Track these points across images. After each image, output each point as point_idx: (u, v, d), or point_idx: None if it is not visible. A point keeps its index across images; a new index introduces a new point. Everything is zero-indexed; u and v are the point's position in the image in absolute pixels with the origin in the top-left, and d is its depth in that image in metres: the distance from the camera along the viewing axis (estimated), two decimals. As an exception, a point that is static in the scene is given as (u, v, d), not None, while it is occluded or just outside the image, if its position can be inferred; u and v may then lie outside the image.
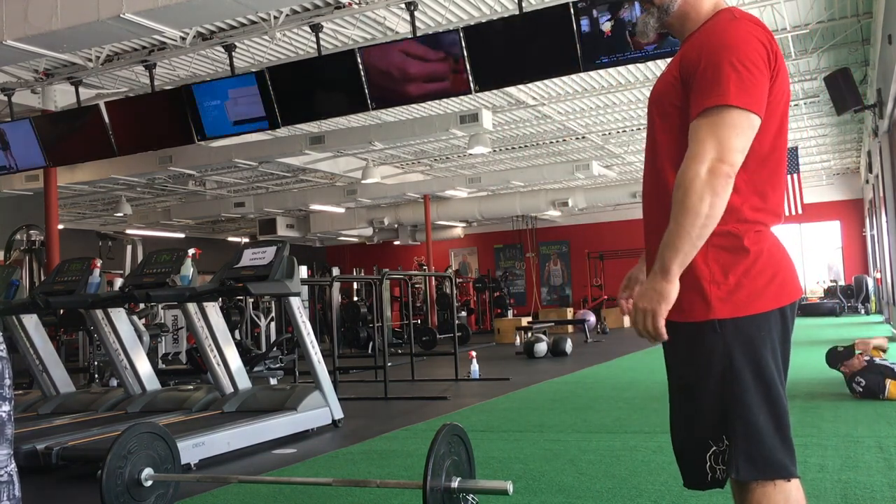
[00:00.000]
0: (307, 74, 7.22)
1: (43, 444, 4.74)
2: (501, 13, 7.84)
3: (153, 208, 19.31)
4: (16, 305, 6.19)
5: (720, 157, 1.60)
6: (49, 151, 8.51)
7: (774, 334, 1.72)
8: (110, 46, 8.03)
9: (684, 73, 1.71)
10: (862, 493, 3.31)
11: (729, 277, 1.67)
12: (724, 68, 1.63)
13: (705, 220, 1.59)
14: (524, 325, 14.75)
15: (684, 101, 1.71)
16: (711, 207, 1.59)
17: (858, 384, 5.71)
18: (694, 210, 1.58)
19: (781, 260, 1.75)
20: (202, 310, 5.83)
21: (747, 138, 1.64)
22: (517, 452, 4.53)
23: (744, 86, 1.62)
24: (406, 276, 13.48)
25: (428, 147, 14.56)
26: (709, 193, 1.58)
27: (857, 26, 9.12)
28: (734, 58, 1.63)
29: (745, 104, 1.62)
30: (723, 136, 1.60)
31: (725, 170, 1.60)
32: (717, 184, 1.59)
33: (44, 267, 10.04)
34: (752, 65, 1.64)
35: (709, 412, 1.70)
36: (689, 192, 1.59)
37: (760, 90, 1.65)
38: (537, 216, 22.00)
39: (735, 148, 1.61)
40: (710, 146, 1.60)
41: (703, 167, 1.59)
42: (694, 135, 1.64)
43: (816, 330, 13.26)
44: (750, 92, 1.62)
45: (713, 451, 1.70)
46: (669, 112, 1.75)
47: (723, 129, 1.61)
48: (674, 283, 1.63)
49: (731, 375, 1.68)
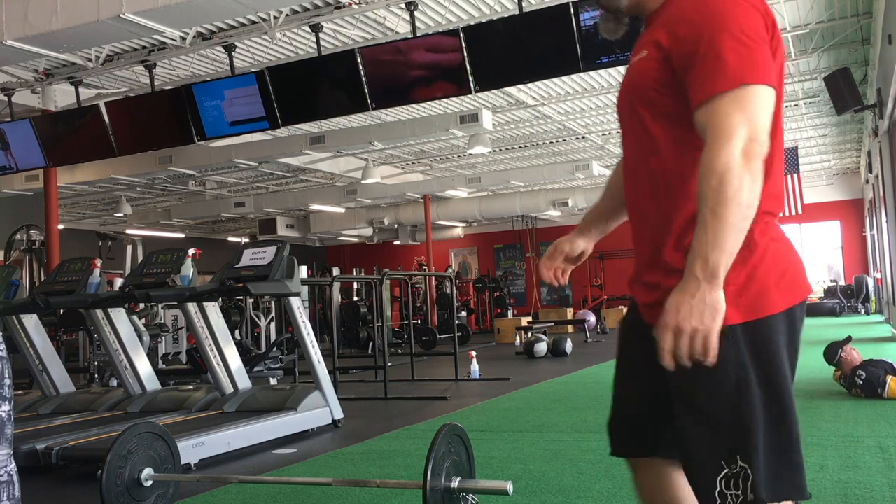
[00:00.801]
0: (307, 74, 7.23)
1: (43, 444, 4.74)
2: (501, 13, 7.84)
3: (153, 208, 19.31)
4: (16, 305, 6.19)
5: (752, 136, 1.40)
6: (49, 151, 8.51)
7: (788, 338, 1.53)
8: (110, 46, 8.03)
9: (674, 54, 1.51)
10: (862, 493, 3.31)
11: (739, 275, 1.47)
12: (726, 44, 1.44)
13: (747, 209, 1.39)
14: (524, 325, 14.75)
15: (668, 84, 1.53)
16: (752, 194, 1.39)
17: (859, 377, 5.72)
18: (736, 199, 1.37)
19: (789, 253, 1.57)
20: (202, 310, 5.83)
21: (770, 115, 1.47)
22: (517, 452, 4.53)
23: (753, 59, 1.45)
24: (406, 276, 13.48)
25: (428, 147, 14.56)
26: (748, 178, 1.38)
27: (857, 26, 9.12)
28: (735, 29, 1.45)
29: (760, 79, 1.44)
30: (751, 114, 1.42)
31: (761, 151, 1.41)
32: (755, 167, 1.39)
33: (44, 267, 10.04)
34: (756, 34, 1.47)
35: (724, 431, 1.49)
36: (727, 178, 1.37)
37: (769, 61, 1.48)
38: (537, 216, 22.00)
39: (764, 125, 1.43)
40: (740, 125, 1.40)
41: (736, 149, 1.39)
42: (714, 116, 1.43)
43: (816, 330, 13.25)
44: (760, 65, 1.46)
45: (725, 475, 1.48)
46: (657, 100, 1.56)
47: (749, 105, 1.42)
48: (721, 290, 1.39)
49: (748, 388, 1.47)
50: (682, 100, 1.51)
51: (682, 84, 1.50)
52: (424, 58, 6.63)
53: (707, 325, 1.38)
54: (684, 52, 1.49)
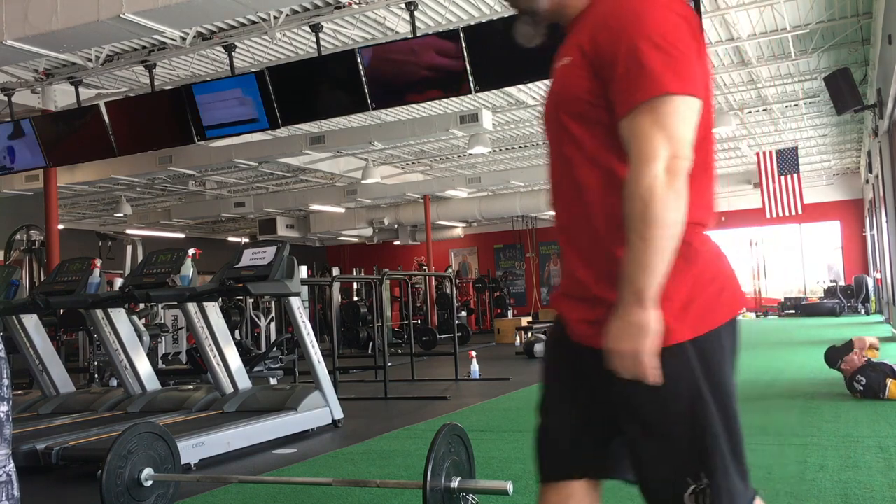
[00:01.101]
0: (307, 74, 7.23)
1: (43, 444, 4.74)
2: (501, 13, 7.84)
3: (153, 208, 19.31)
4: (16, 305, 6.19)
5: (674, 152, 1.36)
6: (49, 151, 8.51)
7: (731, 348, 1.51)
8: (110, 46, 8.03)
9: (595, 62, 1.45)
10: (862, 493, 3.30)
11: (680, 289, 1.43)
12: (646, 52, 1.37)
13: (673, 229, 1.35)
14: (524, 325, 14.74)
15: (600, 94, 1.46)
16: (678, 212, 1.35)
17: (859, 383, 5.70)
18: (661, 220, 1.34)
19: (725, 264, 1.53)
20: (202, 310, 5.83)
21: (694, 127, 1.41)
22: (517, 452, 4.52)
23: (676, 68, 1.38)
24: (406, 276, 13.48)
25: (428, 147, 14.56)
26: (672, 198, 1.34)
27: (857, 26, 9.12)
28: (656, 37, 1.38)
29: (683, 89, 1.38)
30: (671, 128, 1.36)
31: (683, 165, 1.37)
32: (679, 185, 1.35)
33: (44, 267, 10.04)
34: (678, 41, 1.40)
35: (684, 449, 1.45)
36: (651, 200, 1.34)
37: (693, 69, 1.42)
38: (537, 216, 22.00)
39: (687, 139, 1.38)
40: (660, 141, 1.36)
41: (658, 170, 1.35)
42: (635, 133, 1.38)
43: (816, 330, 13.26)
44: (683, 74, 1.39)
45: (692, 491, 1.45)
46: (585, 111, 1.48)
47: (668, 119, 1.37)
48: (653, 311, 1.37)
49: (703, 403, 1.44)
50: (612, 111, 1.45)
51: (608, 94, 1.44)
52: (424, 58, 6.63)
53: (638, 347, 1.36)
54: (605, 60, 1.43)
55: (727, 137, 15.02)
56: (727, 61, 10.49)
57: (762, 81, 11.44)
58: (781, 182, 14.91)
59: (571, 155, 1.52)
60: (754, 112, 13.33)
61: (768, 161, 14.93)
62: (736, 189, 18.10)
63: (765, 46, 9.94)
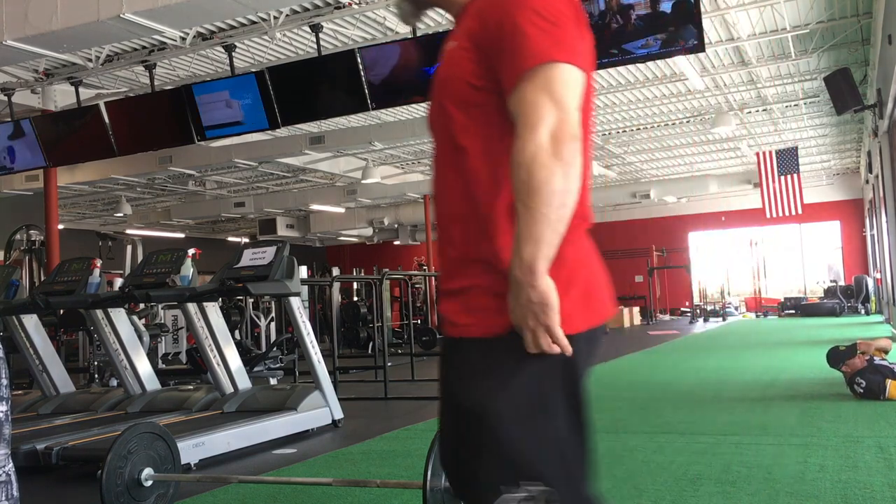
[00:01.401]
0: (307, 74, 7.23)
1: (43, 444, 4.74)
2: (501, 13, 7.84)
3: (153, 208, 19.32)
4: (16, 305, 6.19)
5: (561, 117, 1.29)
6: (49, 151, 8.51)
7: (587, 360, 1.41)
8: (110, 46, 8.04)
9: (483, 44, 1.39)
10: (862, 493, 3.30)
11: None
12: (530, 25, 1.33)
13: (562, 197, 1.27)
14: (524, 325, 14.71)
15: (487, 76, 1.39)
16: (566, 180, 1.27)
17: (859, 385, 5.70)
18: (546, 188, 1.26)
19: (593, 268, 1.43)
20: (202, 310, 5.83)
21: (579, 97, 1.34)
22: (517, 452, 4.52)
23: (558, 36, 1.33)
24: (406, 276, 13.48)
25: (428, 147, 14.56)
26: (558, 164, 1.26)
27: (857, 26, 9.12)
28: (540, 11, 1.34)
29: (566, 57, 1.33)
30: (557, 94, 1.30)
31: (571, 131, 1.29)
32: (566, 150, 1.28)
33: (44, 267, 10.04)
34: (562, 15, 1.36)
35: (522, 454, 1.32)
36: (534, 168, 1.27)
37: (576, 42, 1.37)
38: (537, 216, 21.99)
39: (573, 107, 1.31)
40: (546, 107, 1.29)
41: (543, 136, 1.28)
42: (521, 102, 1.31)
43: (816, 330, 13.27)
44: (565, 42, 1.34)
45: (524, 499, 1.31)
46: (472, 96, 1.41)
47: (554, 85, 1.30)
48: (546, 280, 1.28)
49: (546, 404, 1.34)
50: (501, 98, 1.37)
51: (498, 75, 1.37)
52: (424, 58, 6.63)
53: (543, 321, 1.28)
54: (492, 41, 1.37)
55: (727, 137, 15.02)
56: (727, 61, 10.49)
57: (762, 81, 11.44)
58: (781, 182, 14.91)
59: (457, 146, 1.43)
60: (754, 112, 13.33)
61: (768, 161, 14.93)
62: (736, 189, 18.11)
63: (765, 46, 9.94)
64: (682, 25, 5.70)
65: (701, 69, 10.52)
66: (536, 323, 1.29)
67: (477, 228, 1.41)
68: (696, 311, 20.57)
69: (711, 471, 3.80)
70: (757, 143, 15.83)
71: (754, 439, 4.53)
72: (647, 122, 13.58)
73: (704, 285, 22.72)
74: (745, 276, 22.66)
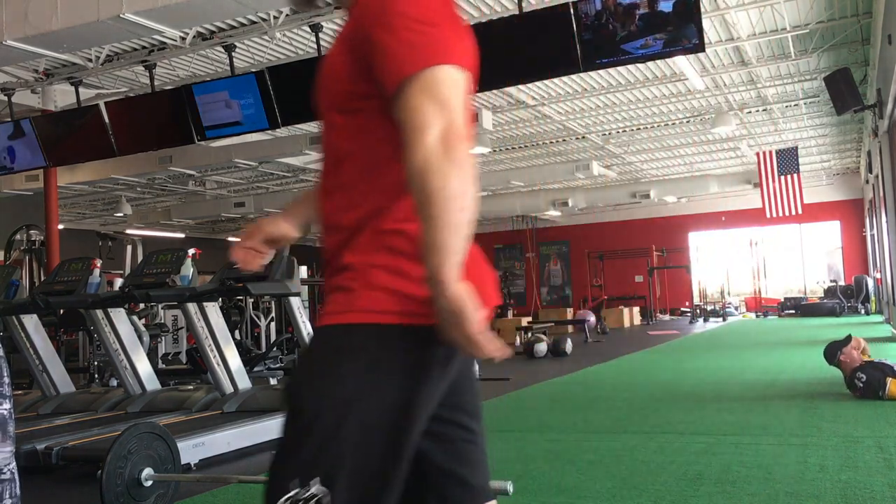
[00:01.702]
0: (307, 74, 7.19)
1: (43, 444, 4.74)
2: (501, 13, 7.84)
3: (153, 208, 19.31)
4: (16, 305, 6.19)
5: (448, 119, 1.25)
6: (49, 151, 8.51)
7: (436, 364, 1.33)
8: (110, 46, 8.03)
9: (359, 47, 1.35)
10: (862, 493, 3.31)
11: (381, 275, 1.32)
12: (409, 28, 1.29)
13: (460, 200, 1.22)
14: (524, 325, 14.74)
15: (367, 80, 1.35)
16: (460, 182, 1.22)
17: (860, 380, 5.71)
18: (442, 193, 1.21)
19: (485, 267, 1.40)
20: (202, 310, 5.83)
21: (464, 98, 1.30)
22: (517, 452, 4.53)
23: (436, 41, 1.30)
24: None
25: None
26: (451, 167, 1.22)
27: (857, 26, 9.12)
28: (415, 16, 1.30)
29: (448, 59, 1.29)
30: (444, 98, 1.26)
31: (460, 133, 1.25)
32: (457, 152, 1.23)
33: (44, 267, 10.04)
34: (438, 17, 1.32)
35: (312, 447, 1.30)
36: (427, 175, 1.22)
37: (457, 40, 1.33)
38: (537, 216, 22.00)
39: (460, 109, 1.27)
40: (432, 111, 1.25)
41: (431, 141, 1.23)
42: (406, 107, 1.26)
43: (816, 330, 13.27)
44: (446, 47, 1.30)
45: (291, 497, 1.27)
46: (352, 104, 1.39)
47: (439, 87, 1.26)
48: (458, 286, 1.22)
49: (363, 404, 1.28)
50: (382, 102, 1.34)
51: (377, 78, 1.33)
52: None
53: (465, 330, 1.23)
54: (369, 43, 1.33)
55: (727, 137, 15.02)
56: (727, 61, 10.49)
57: (762, 81, 11.44)
58: (781, 182, 14.91)
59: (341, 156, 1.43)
60: (754, 112, 13.33)
61: (768, 161, 14.93)
62: (736, 189, 18.11)
63: (765, 46, 9.94)
64: (682, 25, 5.71)
65: (701, 69, 10.52)
66: (462, 333, 1.23)
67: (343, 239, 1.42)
68: (696, 311, 20.57)
69: (711, 471, 3.80)
70: (757, 143, 15.83)
71: (754, 439, 4.53)
72: (647, 122, 13.58)
73: (704, 285, 22.73)
74: (745, 276, 22.66)
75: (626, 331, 17.66)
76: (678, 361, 9.68)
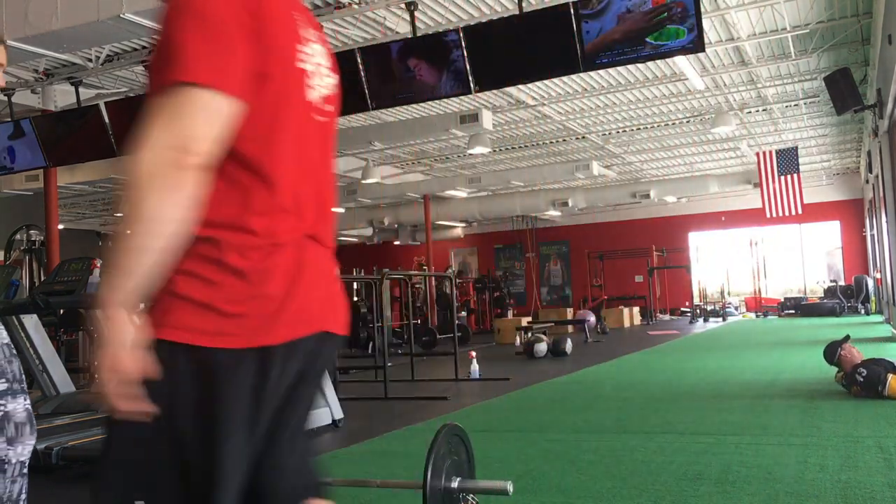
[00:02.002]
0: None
1: (43, 444, 4.73)
2: (501, 13, 7.84)
3: (153, 208, 19.32)
4: (16, 305, 6.19)
5: (174, 143, 1.18)
6: (49, 151, 8.52)
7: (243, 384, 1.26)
8: (110, 46, 8.04)
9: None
10: (862, 493, 3.30)
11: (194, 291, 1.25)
12: (179, 33, 1.22)
13: (156, 225, 1.17)
14: (524, 325, 14.74)
15: None
16: (161, 206, 1.17)
17: (860, 374, 5.72)
18: (136, 214, 1.17)
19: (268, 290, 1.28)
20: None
21: (217, 123, 1.22)
22: (517, 452, 4.53)
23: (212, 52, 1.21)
24: (406, 276, 13.48)
25: (428, 147, 14.56)
26: (155, 190, 1.17)
27: (857, 26, 9.13)
28: (189, 19, 1.22)
29: (211, 80, 1.20)
30: (184, 122, 1.19)
31: (184, 160, 1.18)
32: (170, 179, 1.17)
33: (44, 267, 10.04)
34: (224, 22, 1.23)
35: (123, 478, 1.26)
36: (131, 190, 1.18)
37: (234, 58, 1.23)
38: (537, 216, 22.01)
39: (202, 135, 1.20)
40: (161, 130, 1.19)
41: (143, 160, 1.17)
42: (144, 118, 1.22)
43: (816, 330, 13.27)
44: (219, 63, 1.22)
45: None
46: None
47: (182, 109, 1.20)
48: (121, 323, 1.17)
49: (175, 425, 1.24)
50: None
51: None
52: (424, 58, 6.63)
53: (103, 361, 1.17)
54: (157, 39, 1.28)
55: (727, 137, 15.03)
56: (727, 61, 10.49)
57: (762, 81, 11.44)
58: (781, 182, 14.91)
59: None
60: (754, 112, 13.34)
61: (768, 161, 14.93)
62: (736, 189, 18.11)
63: (765, 46, 9.94)
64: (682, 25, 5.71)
65: (701, 69, 10.52)
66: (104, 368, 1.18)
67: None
68: (696, 311, 20.57)
69: (711, 471, 3.80)
70: (757, 143, 15.84)
71: (754, 439, 4.53)
72: (647, 122, 13.58)
73: (704, 285, 22.73)
74: (745, 276, 22.66)
75: (626, 331, 17.66)
76: (678, 361, 9.68)
